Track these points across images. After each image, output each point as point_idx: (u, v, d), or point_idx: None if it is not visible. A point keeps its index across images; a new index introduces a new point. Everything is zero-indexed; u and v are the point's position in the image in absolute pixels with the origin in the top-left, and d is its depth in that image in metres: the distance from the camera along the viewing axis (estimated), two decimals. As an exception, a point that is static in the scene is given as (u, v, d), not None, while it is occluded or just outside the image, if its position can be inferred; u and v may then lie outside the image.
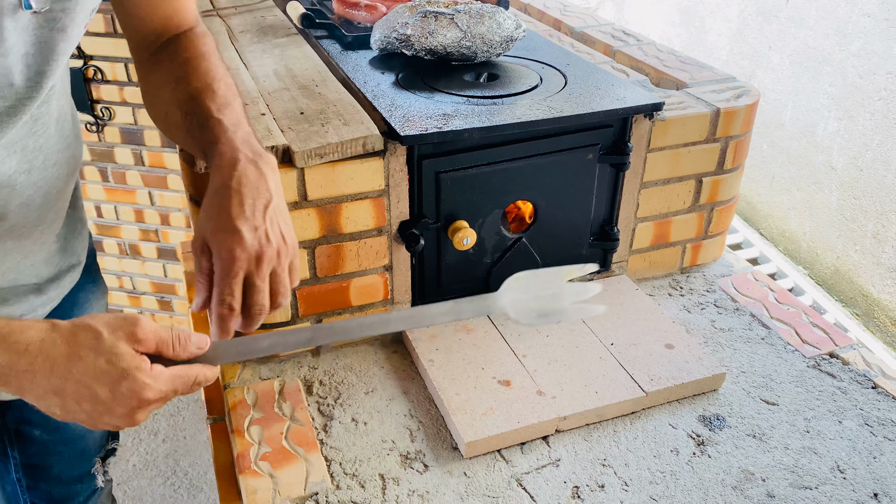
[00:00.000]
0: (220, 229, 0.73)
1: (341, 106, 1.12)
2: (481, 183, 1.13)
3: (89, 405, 0.63)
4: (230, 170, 0.75)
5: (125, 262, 2.51)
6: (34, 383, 0.62)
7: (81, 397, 0.62)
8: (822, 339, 1.20)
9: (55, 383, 0.62)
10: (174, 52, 0.90)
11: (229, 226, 0.72)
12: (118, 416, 0.64)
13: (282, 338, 0.75)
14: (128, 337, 0.64)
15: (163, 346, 0.67)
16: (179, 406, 2.24)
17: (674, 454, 0.99)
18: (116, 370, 0.62)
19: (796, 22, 2.50)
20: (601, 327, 1.17)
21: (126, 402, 0.63)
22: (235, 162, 0.76)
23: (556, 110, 1.11)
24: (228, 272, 0.72)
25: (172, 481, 2.00)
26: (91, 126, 2.24)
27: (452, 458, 0.98)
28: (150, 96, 0.93)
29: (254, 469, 0.96)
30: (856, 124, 2.33)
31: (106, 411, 0.63)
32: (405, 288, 1.18)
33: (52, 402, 0.63)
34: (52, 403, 0.63)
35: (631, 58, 1.44)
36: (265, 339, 0.74)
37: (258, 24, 1.50)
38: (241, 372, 1.13)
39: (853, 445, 1.01)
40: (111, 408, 0.63)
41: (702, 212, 1.32)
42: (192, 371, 0.68)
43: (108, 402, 0.63)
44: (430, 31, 1.21)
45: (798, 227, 2.63)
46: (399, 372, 1.13)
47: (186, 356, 0.68)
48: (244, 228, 0.72)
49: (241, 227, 0.72)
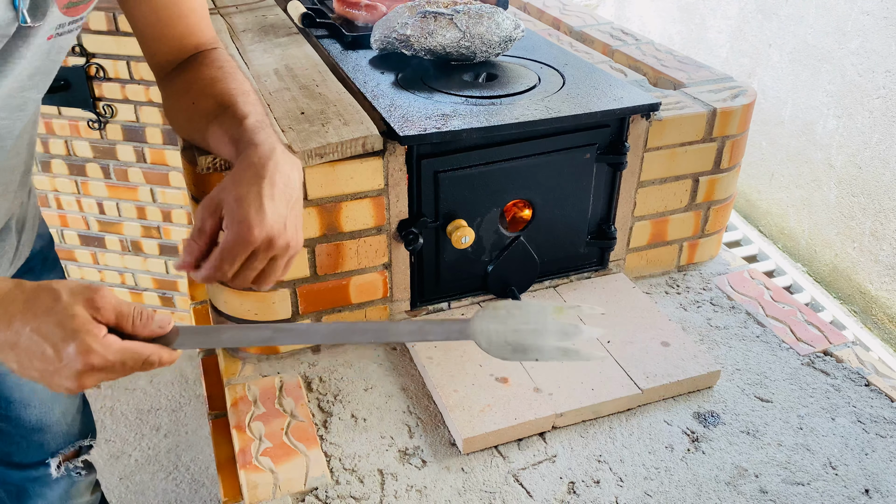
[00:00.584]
0: (246, 201, 0.73)
1: (341, 106, 1.14)
2: (480, 182, 1.14)
3: (40, 363, 0.64)
4: (267, 156, 0.77)
5: (127, 258, 2.52)
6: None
7: (33, 354, 0.64)
8: (817, 336, 1.21)
9: (11, 338, 0.64)
10: (199, 67, 0.93)
11: (256, 202, 0.74)
12: (65, 376, 0.65)
13: (243, 333, 0.76)
14: (86, 302, 0.65)
15: (122, 319, 0.67)
16: (181, 402, 2.25)
17: (668, 450, 1.01)
18: (65, 331, 0.63)
19: (796, 20, 2.50)
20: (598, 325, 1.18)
21: (71, 364, 0.64)
22: (272, 151, 0.78)
23: (554, 110, 1.12)
24: (239, 243, 0.72)
25: (174, 476, 2.02)
26: (93, 123, 2.25)
27: (450, 454, 1.00)
28: (173, 107, 0.95)
29: (255, 464, 0.97)
30: (855, 122, 2.34)
31: (55, 371, 0.65)
32: (404, 286, 1.19)
33: (9, 357, 0.65)
34: (9, 358, 0.65)
35: (629, 57, 1.45)
36: (227, 331, 0.75)
37: (259, 22, 1.51)
38: (243, 369, 1.15)
39: (845, 442, 1.02)
40: (59, 368, 0.64)
41: (698, 211, 1.33)
42: (146, 349, 0.68)
43: (54, 362, 0.64)
44: (429, 31, 1.22)
45: (797, 225, 2.64)
46: (398, 369, 1.15)
47: (146, 334, 0.69)
48: (269, 209, 0.74)
49: (266, 207, 0.74)
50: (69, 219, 2.48)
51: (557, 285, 1.29)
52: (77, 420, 1.28)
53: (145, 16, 0.93)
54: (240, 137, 0.82)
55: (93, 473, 1.36)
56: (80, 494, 1.32)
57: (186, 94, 0.91)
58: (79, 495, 1.32)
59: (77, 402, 1.28)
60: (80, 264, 2.56)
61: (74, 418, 1.27)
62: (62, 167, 2.36)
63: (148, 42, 0.96)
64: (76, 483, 1.30)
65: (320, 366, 1.16)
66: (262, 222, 0.73)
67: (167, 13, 0.93)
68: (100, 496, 1.41)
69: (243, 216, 0.73)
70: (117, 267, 2.54)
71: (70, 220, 2.48)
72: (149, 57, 0.99)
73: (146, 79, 2.16)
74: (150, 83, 2.17)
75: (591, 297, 1.26)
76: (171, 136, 2.25)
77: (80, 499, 1.33)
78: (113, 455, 2.07)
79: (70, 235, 2.52)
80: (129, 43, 2.10)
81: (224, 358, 1.18)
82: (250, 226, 0.73)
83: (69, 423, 1.26)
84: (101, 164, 2.34)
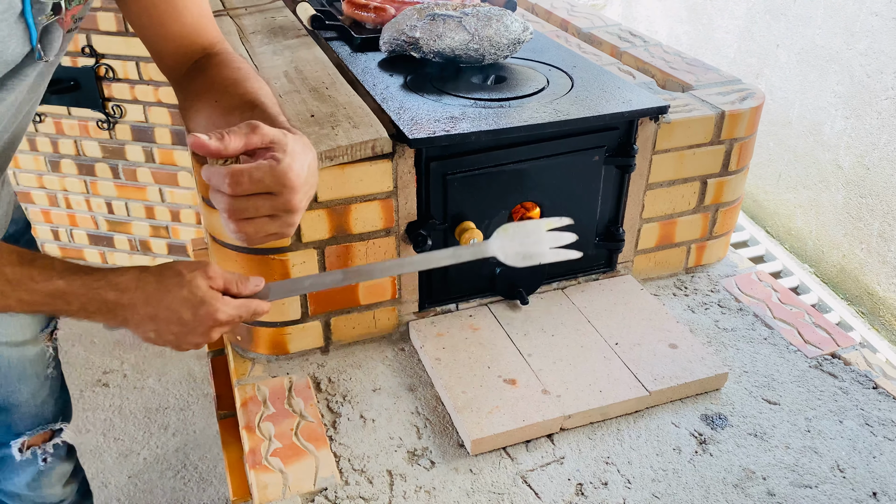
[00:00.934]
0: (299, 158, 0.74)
1: (351, 108, 1.14)
2: (488, 184, 1.15)
3: (177, 327, 0.79)
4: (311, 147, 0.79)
5: (136, 257, 2.54)
6: (135, 313, 0.78)
7: (170, 321, 0.78)
8: (825, 339, 1.21)
9: (150, 311, 0.78)
10: (218, 68, 0.93)
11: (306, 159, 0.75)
12: (199, 333, 0.80)
13: (319, 279, 0.89)
14: (202, 274, 0.79)
15: (229, 284, 0.82)
16: (189, 401, 2.26)
17: (676, 452, 1.01)
18: (196, 298, 0.78)
19: (804, 20, 2.50)
20: (606, 327, 1.19)
21: (205, 322, 0.79)
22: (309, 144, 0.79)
23: (563, 113, 1.12)
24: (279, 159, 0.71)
25: (182, 475, 2.03)
26: (102, 124, 2.27)
27: (459, 456, 1.00)
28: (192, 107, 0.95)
29: (265, 464, 0.98)
30: (863, 123, 2.33)
31: (190, 331, 0.79)
32: (412, 287, 1.20)
33: (149, 328, 0.79)
34: (149, 328, 0.79)
35: (637, 59, 1.45)
36: (307, 279, 0.89)
37: (268, 24, 1.52)
38: (252, 369, 1.16)
39: (853, 445, 1.02)
40: (194, 327, 0.79)
41: (706, 213, 1.33)
42: (253, 303, 0.83)
43: (191, 323, 0.79)
44: (438, 33, 1.22)
45: (804, 225, 2.63)
46: (406, 370, 1.15)
47: (248, 293, 0.83)
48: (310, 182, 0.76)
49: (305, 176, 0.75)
50: (78, 218, 2.49)
51: (565, 287, 1.29)
52: (49, 403, 1.25)
53: (140, 15, 0.94)
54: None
55: (67, 463, 1.32)
56: (50, 485, 1.29)
57: (208, 93, 0.92)
58: (49, 486, 1.29)
59: (50, 385, 1.25)
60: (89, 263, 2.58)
61: (46, 401, 1.24)
62: (71, 167, 2.38)
63: (150, 43, 0.97)
64: (46, 472, 1.27)
65: (329, 366, 1.16)
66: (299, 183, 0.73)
67: (161, 10, 0.93)
68: (76, 489, 1.36)
69: (291, 163, 0.72)
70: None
71: (79, 219, 2.50)
72: (157, 60, 1.00)
73: (155, 79, 2.18)
74: (159, 83, 2.18)
75: (599, 298, 1.26)
76: (180, 137, 2.26)
77: (50, 489, 1.30)
78: (122, 453, 2.08)
79: (79, 235, 2.54)
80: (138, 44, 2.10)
81: (234, 358, 1.19)
82: (298, 177, 0.73)
83: (39, 404, 1.23)
84: (110, 164, 2.35)
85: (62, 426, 1.28)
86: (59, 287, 0.77)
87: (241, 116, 0.87)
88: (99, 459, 2.06)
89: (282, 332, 1.16)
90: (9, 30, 0.80)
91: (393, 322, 1.22)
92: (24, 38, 0.83)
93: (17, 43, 0.82)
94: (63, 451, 1.30)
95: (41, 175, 2.41)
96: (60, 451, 1.29)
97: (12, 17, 0.79)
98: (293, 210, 0.75)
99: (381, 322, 1.21)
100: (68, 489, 1.34)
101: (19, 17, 0.81)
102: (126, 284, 0.78)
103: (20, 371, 1.19)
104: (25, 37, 0.83)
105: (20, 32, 0.82)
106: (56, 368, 1.26)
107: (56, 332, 1.25)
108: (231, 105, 0.89)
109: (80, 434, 2.14)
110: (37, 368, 1.22)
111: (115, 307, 0.78)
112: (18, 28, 0.82)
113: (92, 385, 2.32)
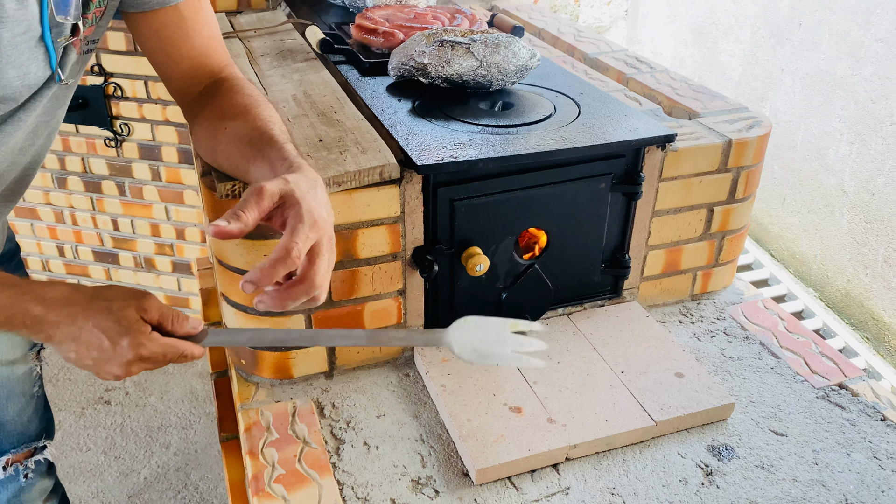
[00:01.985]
0: (307, 212, 0.74)
1: (359, 133, 1.15)
2: (495, 210, 1.15)
3: (97, 353, 0.77)
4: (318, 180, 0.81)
5: (140, 275, 2.54)
6: (59, 331, 0.77)
7: (91, 345, 0.76)
8: (832, 369, 1.21)
9: (73, 332, 0.76)
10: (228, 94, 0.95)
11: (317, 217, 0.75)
12: (117, 364, 0.77)
13: (261, 334, 0.86)
14: (136, 305, 0.77)
15: (163, 320, 0.79)
16: (191, 420, 2.26)
17: (682, 484, 1.00)
18: (121, 328, 0.76)
19: (809, 45, 2.51)
20: (612, 354, 1.18)
21: (124, 354, 0.76)
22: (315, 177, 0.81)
23: (570, 141, 1.12)
24: (307, 230, 0.73)
25: (183, 495, 2.02)
26: (110, 141, 2.28)
27: (463, 485, 1.00)
28: (202, 132, 0.97)
29: (268, 491, 0.97)
30: (868, 148, 2.33)
31: (108, 360, 0.77)
32: (418, 312, 1.19)
33: (70, 348, 0.77)
34: (70, 349, 0.77)
35: (644, 86, 1.46)
36: (247, 332, 0.86)
37: (277, 47, 1.53)
38: (256, 393, 1.15)
39: (861, 479, 1.01)
40: (112, 357, 0.77)
41: (713, 240, 1.33)
42: (182, 344, 0.80)
43: (110, 352, 0.76)
44: (446, 59, 1.23)
45: (809, 250, 2.63)
46: (411, 396, 1.15)
47: (182, 332, 0.81)
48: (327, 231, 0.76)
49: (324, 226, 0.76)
50: (83, 235, 2.50)
51: (571, 313, 1.29)
52: (34, 421, 1.26)
53: (150, 37, 0.95)
54: (281, 158, 0.83)
55: (48, 479, 1.32)
56: (31, 500, 1.29)
57: (219, 120, 0.92)
58: (31, 501, 1.29)
59: (35, 403, 1.26)
60: (94, 280, 2.58)
61: (31, 419, 1.25)
62: (78, 184, 2.39)
63: (159, 65, 0.98)
64: (27, 488, 1.27)
65: (333, 391, 1.16)
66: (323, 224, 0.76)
67: (171, 32, 0.94)
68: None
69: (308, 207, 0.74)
70: (130, 283, 2.55)
71: (84, 236, 2.50)
72: (166, 83, 1.01)
73: (163, 98, 2.19)
74: (167, 102, 2.19)
75: (605, 325, 1.26)
76: (187, 155, 2.27)
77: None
78: (122, 473, 2.07)
79: (84, 251, 2.54)
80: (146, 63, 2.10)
81: (238, 381, 1.18)
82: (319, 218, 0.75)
83: (24, 422, 1.24)
84: (116, 182, 2.36)
85: (45, 443, 1.28)
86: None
87: (249, 145, 0.88)
88: (99, 478, 2.05)
89: (286, 357, 1.15)
90: (29, 53, 0.81)
91: (398, 347, 1.21)
92: (45, 62, 0.84)
93: (39, 66, 0.83)
94: (44, 467, 1.30)
95: (48, 192, 2.42)
96: (41, 468, 1.29)
97: (32, 41, 0.80)
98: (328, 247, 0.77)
99: (386, 347, 1.21)
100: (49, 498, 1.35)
101: (39, 41, 0.81)
102: (54, 300, 0.77)
103: (9, 390, 1.20)
104: (46, 60, 0.84)
105: (41, 56, 0.83)
106: (41, 387, 1.27)
107: (42, 350, 1.25)
108: (240, 133, 0.89)
109: (80, 452, 2.13)
110: (24, 387, 1.23)
111: (39, 322, 0.76)
112: (39, 52, 0.82)
113: (94, 402, 2.31)
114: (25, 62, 0.81)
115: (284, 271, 0.71)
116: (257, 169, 0.87)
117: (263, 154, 0.86)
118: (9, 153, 0.92)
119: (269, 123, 0.89)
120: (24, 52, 0.80)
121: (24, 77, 0.82)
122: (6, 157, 0.92)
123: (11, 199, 1.03)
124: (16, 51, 0.79)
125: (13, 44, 0.78)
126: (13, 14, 0.76)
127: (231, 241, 1.04)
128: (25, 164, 0.98)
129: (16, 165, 0.96)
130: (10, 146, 0.91)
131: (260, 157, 0.86)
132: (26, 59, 0.81)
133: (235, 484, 1.16)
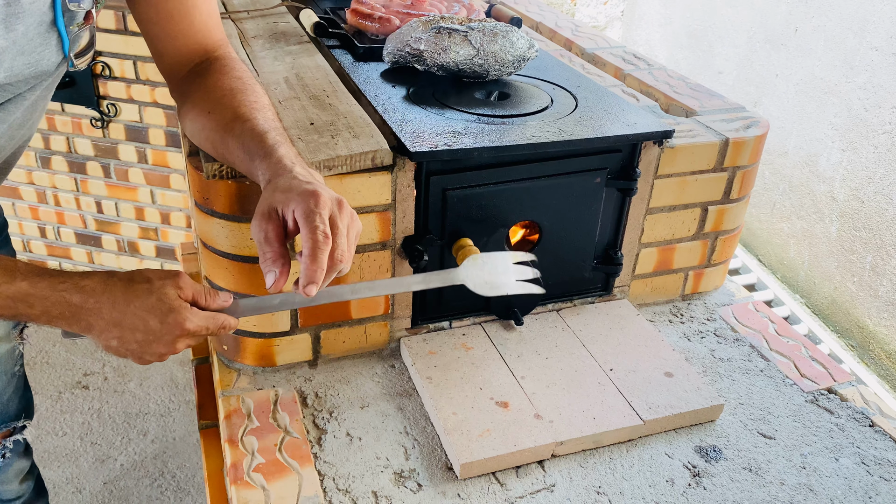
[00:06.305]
0: (300, 193, 0.76)
1: (351, 118, 1.12)
2: (488, 202, 1.13)
3: (142, 335, 0.77)
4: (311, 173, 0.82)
5: (123, 259, 2.50)
6: (99, 318, 0.75)
7: (136, 328, 0.76)
8: (821, 373, 1.20)
9: (116, 317, 0.75)
10: (216, 75, 0.93)
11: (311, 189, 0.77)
12: (165, 342, 0.78)
13: (290, 298, 0.87)
14: (172, 283, 0.78)
15: (198, 296, 0.81)
16: (170, 407, 2.22)
17: (669, 484, 0.99)
18: (165, 306, 0.76)
19: (804, 52, 2.51)
20: (601, 352, 1.17)
21: (171, 331, 0.77)
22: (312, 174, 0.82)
23: (567, 133, 1.11)
24: (314, 209, 0.74)
25: (160, 483, 1.99)
26: (96, 122, 2.23)
27: (446, 479, 0.98)
28: (188, 114, 0.96)
29: (246, 480, 0.95)
30: (859, 156, 2.33)
31: (155, 339, 0.77)
32: (406, 303, 1.17)
33: (112, 335, 0.76)
34: (112, 335, 0.76)
35: (641, 82, 1.44)
36: (277, 298, 0.87)
37: (271, 29, 1.50)
38: (237, 380, 1.13)
39: (849, 484, 1.00)
40: (160, 335, 0.77)
41: (706, 240, 1.32)
42: (221, 316, 0.82)
43: (157, 331, 0.77)
44: (443, 47, 1.21)
45: (797, 256, 2.63)
46: (396, 387, 1.13)
47: (215, 307, 0.83)
48: (324, 194, 0.77)
49: (320, 191, 0.77)
50: (66, 216, 2.46)
51: (560, 309, 1.27)
52: (14, 400, 1.25)
53: (148, 9, 0.93)
54: (259, 152, 0.83)
55: (24, 460, 1.32)
56: (7, 481, 1.29)
57: (203, 102, 0.91)
58: (6, 482, 1.29)
59: (16, 382, 1.24)
60: (76, 262, 2.54)
61: (11, 398, 1.24)
62: (62, 164, 2.34)
63: (154, 40, 0.96)
64: (4, 468, 1.27)
65: (316, 381, 1.13)
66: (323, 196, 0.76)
67: (170, 7, 0.93)
68: (31, 487, 1.37)
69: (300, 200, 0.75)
70: (113, 267, 2.51)
71: (67, 217, 2.46)
72: (157, 58, 0.98)
73: (152, 79, 2.15)
74: (156, 84, 2.15)
75: (595, 322, 1.24)
76: (174, 138, 2.24)
77: (7, 485, 1.30)
78: (98, 459, 2.04)
79: (66, 233, 2.50)
80: (136, 42, 2.09)
81: (219, 368, 1.16)
82: (316, 198, 0.75)
83: (4, 402, 1.23)
84: (101, 163, 2.32)
85: (25, 423, 1.27)
86: (22, 289, 0.74)
87: (233, 131, 0.87)
88: (74, 464, 2.02)
89: (269, 344, 1.13)
90: (41, 40, 0.80)
91: (384, 338, 1.19)
92: (58, 48, 0.84)
93: (52, 52, 0.83)
94: (21, 447, 1.29)
95: (31, 171, 2.37)
96: (19, 447, 1.28)
97: (43, 27, 0.79)
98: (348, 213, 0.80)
99: (372, 337, 1.18)
100: (24, 486, 1.34)
101: (50, 26, 0.80)
102: (93, 287, 0.76)
103: None
104: (58, 46, 0.83)
105: (53, 42, 0.82)
106: (22, 366, 1.25)
107: (26, 329, 1.23)
108: (224, 118, 0.88)
109: (56, 437, 2.10)
110: (6, 366, 1.20)
111: (79, 311, 0.75)
112: (51, 37, 0.81)
113: (71, 387, 2.27)
114: (37, 49, 0.80)
115: (326, 254, 0.74)
116: (237, 160, 0.88)
117: (241, 143, 0.86)
118: (9, 129, 0.91)
119: (254, 110, 0.89)
120: (34, 40, 0.80)
121: (37, 64, 0.82)
122: (5, 133, 0.91)
123: (5, 171, 1.01)
124: (29, 42, 0.78)
125: (27, 36, 0.78)
126: (28, 7, 0.76)
127: (217, 224, 1.02)
128: (21, 138, 0.97)
129: (13, 140, 0.95)
130: (11, 122, 0.90)
131: (239, 146, 0.86)
132: (37, 45, 0.80)
133: (213, 472, 1.14)
